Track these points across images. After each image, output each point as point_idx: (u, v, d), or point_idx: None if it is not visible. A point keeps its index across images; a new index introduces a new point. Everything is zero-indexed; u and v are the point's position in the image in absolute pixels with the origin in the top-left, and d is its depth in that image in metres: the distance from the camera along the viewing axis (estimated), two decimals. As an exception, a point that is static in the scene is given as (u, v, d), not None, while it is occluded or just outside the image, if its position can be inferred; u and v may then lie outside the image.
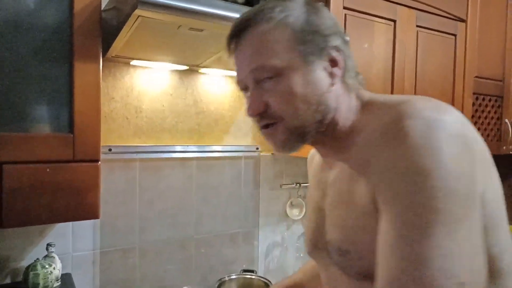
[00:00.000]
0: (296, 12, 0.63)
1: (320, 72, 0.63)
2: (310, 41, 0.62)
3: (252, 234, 1.65)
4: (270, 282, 1.44)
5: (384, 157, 0.53)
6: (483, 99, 1.85)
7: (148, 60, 1.29)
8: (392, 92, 1.51)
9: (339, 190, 0.65)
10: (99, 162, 0.99)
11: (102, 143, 1.29)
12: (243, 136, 1.61)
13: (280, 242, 1.70)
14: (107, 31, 1.25)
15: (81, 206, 0.96)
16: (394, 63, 1.51)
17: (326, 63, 0.63)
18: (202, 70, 1.44)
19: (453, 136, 0.50)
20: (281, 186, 1.71)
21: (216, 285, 1.36)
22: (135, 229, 1.38)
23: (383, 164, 0.53)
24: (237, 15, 0.96)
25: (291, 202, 1.75)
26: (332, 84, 0.64)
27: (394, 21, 1.50)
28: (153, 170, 1.40)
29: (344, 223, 0.62)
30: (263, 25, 0.63)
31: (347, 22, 1.38)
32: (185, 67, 1.39)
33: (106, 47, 1.19)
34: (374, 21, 1.45)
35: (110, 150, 1.30)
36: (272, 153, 1.68)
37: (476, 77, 1.80)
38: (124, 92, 1.35)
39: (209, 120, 1.53)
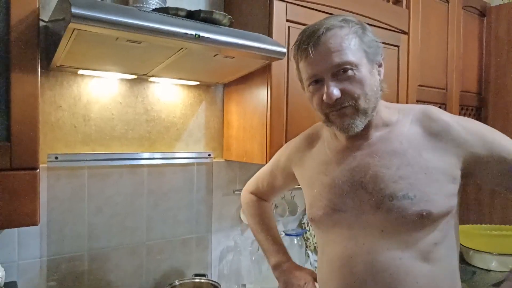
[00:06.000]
0: (358, 27, 0.87)
1: (375, 70, 0.88)
2: (372, 47, 0.88)
3: (205, 239, 1.69)
4: (219, 285, 1.48)
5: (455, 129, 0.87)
6: (427, 107, 1.96)
7: (95, 70, 1.32)
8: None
9: (391, 159, 0.87)
10: (38, 170, 1.01)
11: (48, 151, 1.32)
12: (195, 143, 1.65)
13: (233, 246, 1.74)
14: (50, 42, 1.28)
15: (18, 213, 0.98)
16: (338, 73, 1.59)
17: (376, 65, 0.89)
18: (151, 79, 1.48)
19: None
20: (234, 192, 1.76)
21: (166, 290, 1.39)
22: (83, 236, 1.39)
23: (459, 133, 0.87)
24: (171, 28, 1.02)
25: (245, 207, 1.79)
26: (380, 80, 0.90)
27: (338, 33, 1.57)
28: (102, 177, 1.42)
29: (410, 177, 0.84)
30: (339, 32, 0.85)
31: (290, 34, 1.45)
32: (134, 76, 1.42)
33: (51, 57, 1.22)
34: (318, 33, 1.52)
35: (56, 158, 1.31)
36: (225, 159, 1.73)
37: (420, 85, 1.91)
38: (72, 100, 1.37)
39: (160, 127, 1.56)
